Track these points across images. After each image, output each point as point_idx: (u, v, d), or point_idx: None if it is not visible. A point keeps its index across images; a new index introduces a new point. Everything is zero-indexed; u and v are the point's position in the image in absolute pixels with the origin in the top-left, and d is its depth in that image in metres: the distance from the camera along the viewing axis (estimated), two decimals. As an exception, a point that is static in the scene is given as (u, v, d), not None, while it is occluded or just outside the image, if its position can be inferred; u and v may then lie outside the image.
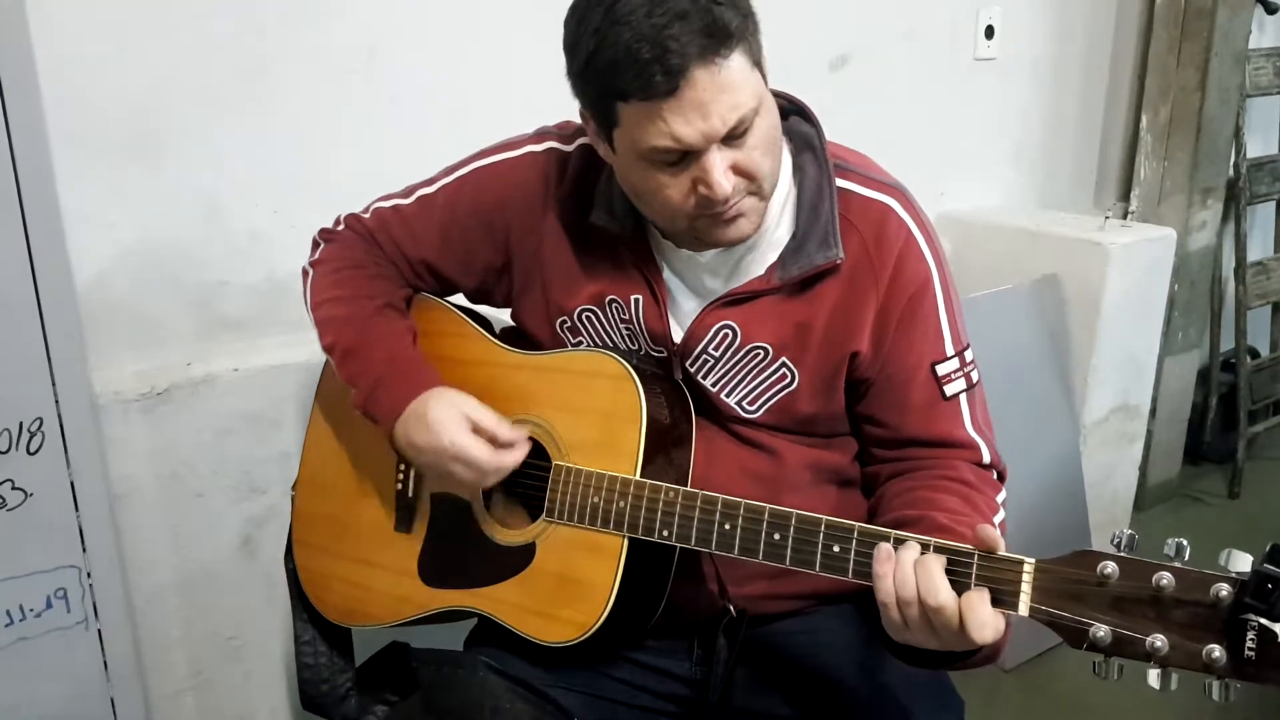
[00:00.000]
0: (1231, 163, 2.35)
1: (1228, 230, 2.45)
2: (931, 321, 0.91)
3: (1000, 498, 0.92)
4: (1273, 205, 2.60)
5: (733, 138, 0.81)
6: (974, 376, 0.93)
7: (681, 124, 0.78)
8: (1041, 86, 2.19)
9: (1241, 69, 2.26)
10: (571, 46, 0.82)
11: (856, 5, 1.87)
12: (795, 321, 0.91)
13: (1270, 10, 2.43)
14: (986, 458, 0.93)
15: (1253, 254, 2.48)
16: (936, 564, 0.73)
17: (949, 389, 0.91)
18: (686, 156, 0.81)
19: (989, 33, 2.06)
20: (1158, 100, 2.25)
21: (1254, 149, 2.44)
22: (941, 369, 0.91)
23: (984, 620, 0.71)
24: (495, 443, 0.92)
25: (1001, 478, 0.95)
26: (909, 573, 0.73)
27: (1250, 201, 2.43)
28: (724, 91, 0.78)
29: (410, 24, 1.43)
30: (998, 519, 0.90)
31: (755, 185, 0.84)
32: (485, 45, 1.50)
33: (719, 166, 0.80)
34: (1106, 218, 2.03)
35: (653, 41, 0.75)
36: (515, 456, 0.93)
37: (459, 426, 0.92)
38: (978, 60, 2.07)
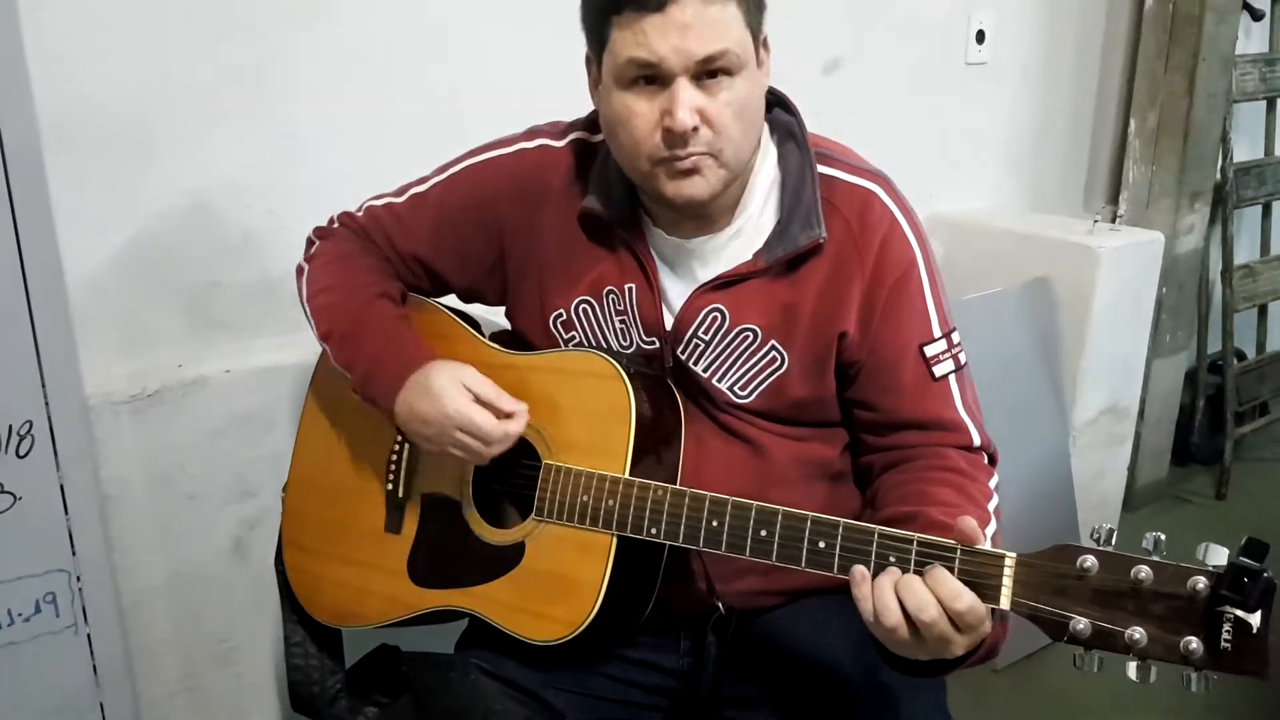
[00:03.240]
0: (1219, 167, 2.37)
1: (1215, 234, 2.46)
2: (918, 304, 0.93)
3: (993, 483, 0.93)
4: (1259, 209, 2.62)
5: (708, 76, 0.83)
6: (961, 358, 0.95)
7: (659, 38, 0.81)
8: (1032, 91, 2.21)
9: (1228, 74, 2.28)
10: None
11: (849, 8, 1.89)
12: (783, 303, 0.93)
13: (1256, 16, 2.46)
14: (976, 440, 0.94)
15: (1239, 257, 2.50)
16: (945, 572, 0.73)
17: (938, 370, 0.93)
18: (661, 83, 0.83)
19: (980, 37, 2.08)
20: (1146, 105, 2.27)
21: (1240, 153, 2.46)
22: (930, 350, 0.93)
23: (958, 591, 0.72)
24: (497, 413, 0.93)
25: (993, 460, 0.96)
26: (920, 590, 0.73)
27: (1237, 205, 2.44)
28: (710, 25, 0.81)
29: (403, 25, 1.43)
30: (992, 505, 0.90)
31: (718, 144, 0.85)
32: (478, 46, 1.50)
33: (685, 99, 0.82)
34: (1095, 221, 2.04)
35: None
36: (518, 425, 0.93)
37: (462, 396, 0.92)
38: (969, 64, 2.09)
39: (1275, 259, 2.60)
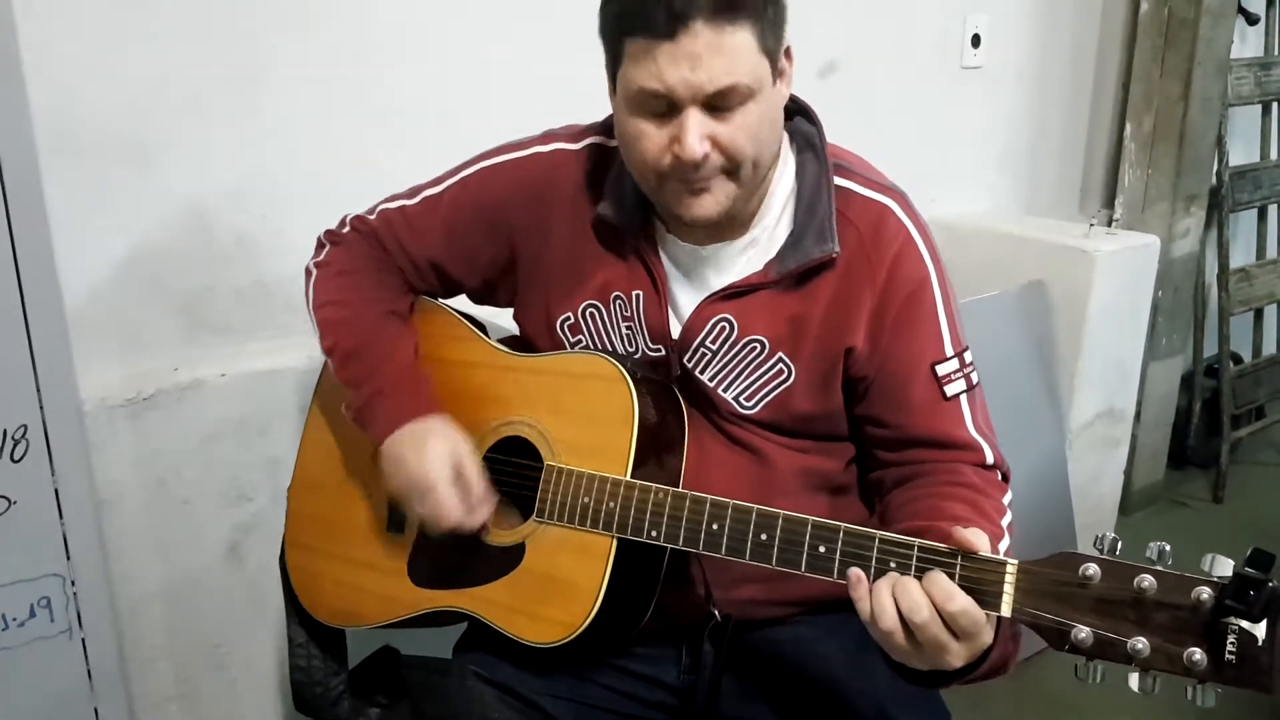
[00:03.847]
0: (1214, 171, 2.37)
1: (1210, 237, 2.47)
2: (930, 322, 0.92)
3: (1006, 499, 0.93)
4: (1254, 213, 2.63)
5: (720, 108, 0.82)
6: (974, 378, 0.94)
7: (670, 68, 0.80)
8: (1027, 95, 2.21)
9: (1223, 79, 2.29)
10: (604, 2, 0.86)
11: (845, 13, 1.89)
12: (790, 315, 0.92)
13: (1251, 21, 2.47)
14: (990, 458, 0.93)
15: (1235, 260, 2.51)
16: (942, 575, 0.73)
17: (949, 389, 0.92)
18: (671, 109, 0.82)
19: (975, 41, 2.08)
20: (1142, 109, 2.27)
21: (1236, 157, 2.47)
22: (941, 369, 0.92)
23: (951, 592, 0.72)
24: (468, 494, 0.94)
25: (1006, 478, 0.96)
26: (915, 592, 0.72)
27: (1232, 209, 2.45)
28: (721, 54, 0.80)
29: (398, 29, 1.43)
30: (1005, 521, 0.90)
31: (732, 166, 0.85)
32: (473, 50, 1.50)
33: (695, 128, 0.81)
34: (1091, 225, 2.05)
35: None
36: (474, 523, 0.94)
37: (446, 468, 0.93)
38: (965, 68, 2.09)
39: (1271, 262, 2.61)
